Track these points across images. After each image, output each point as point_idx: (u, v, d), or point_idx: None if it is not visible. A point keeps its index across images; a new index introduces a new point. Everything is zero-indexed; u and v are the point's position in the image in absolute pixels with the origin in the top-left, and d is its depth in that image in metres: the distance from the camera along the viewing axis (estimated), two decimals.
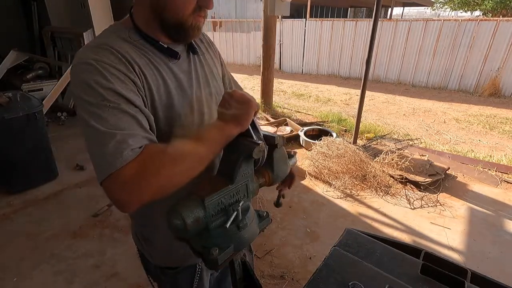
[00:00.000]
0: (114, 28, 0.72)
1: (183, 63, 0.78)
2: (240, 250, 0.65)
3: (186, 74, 0.78)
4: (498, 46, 6.83)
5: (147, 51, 0.70)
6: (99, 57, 0.61)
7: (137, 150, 0.55)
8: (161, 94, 0.70)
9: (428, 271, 0.82)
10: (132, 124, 0.58)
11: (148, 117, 0.64)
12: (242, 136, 0.65)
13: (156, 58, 0.71)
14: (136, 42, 0.69)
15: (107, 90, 0.58)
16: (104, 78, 0.59)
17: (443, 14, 19.03)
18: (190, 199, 0.58)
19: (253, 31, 10.93)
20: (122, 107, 0.58)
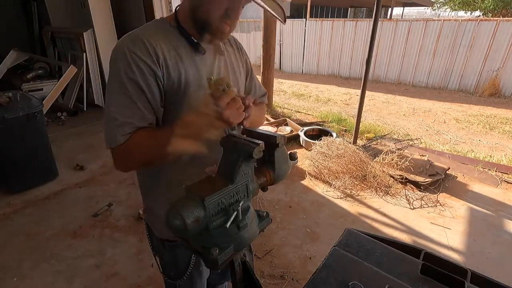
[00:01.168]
0: (156, 21, 0.86)
1: (208, 59, 0.88)
2: (240, 250, 0.65)
3: (208, 68, 0.88)
4: (498, 46, 6.83)
5: (178, 43, 0.82)
6: (132, 48, 0.76)
7: (127, 136, 0.75)
8: (180, 81, 0.81)
9: (428, 271, 0.82)
10: (134, 114, 0.76)
11: (156, 108, 0.80)
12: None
13: (184, 50, 0.83)
14: (171, 33, 0.83)
15: (130, 81, 0.75)
16: (131, 69, 0.75)
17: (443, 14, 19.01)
18: (190, 199, 0.58)
19: (253, 31, 10.93)
20: (134, 99, 0.75)
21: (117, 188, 3.02)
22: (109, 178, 3.18)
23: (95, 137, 4.27)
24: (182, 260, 1.02)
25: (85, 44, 4.93)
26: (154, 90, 0.78)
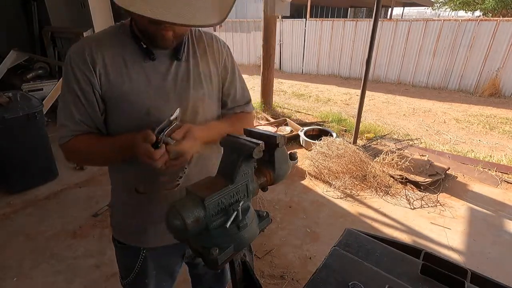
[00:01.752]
0: (113, 27, 0.85)
1: (162, 66, 0.83)
2: (240, 250, 0.65)
3: (161, 76, 0.83)
4: (498, 46, 6.83)
5: (127, 49, 0.81)
6: (74, 55, 0.78)
7: (67, 138, 0.82)
8: (123, 89, 0.80)
9: (428, 271, 0.82)
10: (70, 118, 0.81)
11: (94, 115, 0.82)
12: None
13: (132, 56, 0.80)
14: (123, 39, 0.81)
15: (69, 88, 0.79)
16: (68, 76, 0.79)
17: (443, 14, 19.02)
18: (190, 199, 0.58)
19: (253, 31, 10.93)
20: (70, 105, 0.80)
21: None
22: (109, 178, 3.18)
23: None
24: (129, 263, 1.03)
25: None
26: (89, 98, 0.79)
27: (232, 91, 1.00)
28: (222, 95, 0.98)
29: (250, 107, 1.07)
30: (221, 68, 0.95)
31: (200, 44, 0.92)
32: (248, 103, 1.06)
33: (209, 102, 0.92)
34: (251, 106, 1.07)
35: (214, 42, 0.95)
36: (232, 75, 0.98)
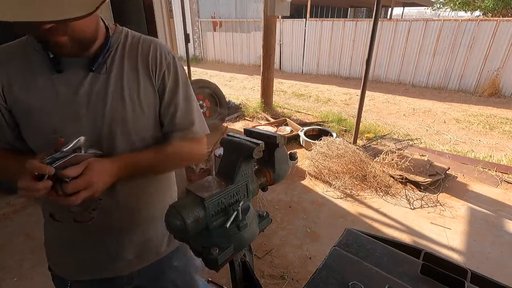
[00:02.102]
0: (20, 40, 0.79)
1: (73, 77, 0.73)
2: (240, 250, 0.65)
3: (72, 89, 0.73)
4: (498, 46, 6.83)
5: (35, 61, 0.73)
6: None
7: None
8: (29, 106, 0.72)
9: (428, 271, 0.82)
10: None
11: (4, 133, 0.76)
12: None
13: (40, 69, 0.72)
14: (32, 50, 0.74)
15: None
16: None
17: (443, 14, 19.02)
18: (190, 199, 0.58)
19: (253, 31, 10.93)
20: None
21: None
22: None
23: None
24: None
25: None
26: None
27: (170, 111, 0.83)
28: (159, 115, 0.84)
29: (196, 130, 0.88)
30: (158, 82, 0.81)
31: (131, 52, 0.79)
32: (191, 126, 0.87)
33: (136, 124, 0.78)
34: (197, 129, 0.88)
35: (152, 51, 0.81)
36: (172, 91, 0.83)
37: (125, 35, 0.82)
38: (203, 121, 0.93)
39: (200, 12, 12.66)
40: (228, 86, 8.31)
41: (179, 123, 0.85)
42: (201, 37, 12.59)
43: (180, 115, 0.85)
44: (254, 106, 5.53)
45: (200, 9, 12.64)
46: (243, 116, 5.38)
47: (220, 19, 11.92)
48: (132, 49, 0.80)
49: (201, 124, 0.91)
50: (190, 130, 0.87)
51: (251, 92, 7.47)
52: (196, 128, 0.88)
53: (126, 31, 0.83)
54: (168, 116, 0.84)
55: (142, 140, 0.82)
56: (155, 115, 0.83)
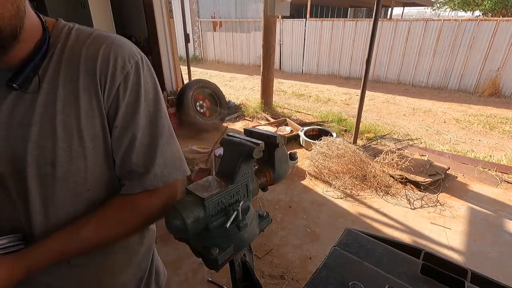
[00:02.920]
0: None
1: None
2: (240, 250, 0.65)
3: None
4: (498, 46, 6.84)
5: None
6: None
7: None
8: None
9: (428, 271, 0.82)
10: None
11: None
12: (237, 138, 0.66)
13: None
14: None
15: None
16: None
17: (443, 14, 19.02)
18: (190, 199, 0.58)
19: (253, 31, 10.94)
20: None
21: None
22: None
23: None
24: None
25: None
26: None
27: (124, 143, 0.58)
28: (112, 148, 0.60)
29: (149, 179, 0.61)
30: (109, 103, 0.56)
31: (71, 60, 0.54)
32: (150, 168, 0.60)
33: (75, 168, 0.56)
34: (157, 174, 0.61)
35: (102, 55, 0.55)
36: (128, 113, 0.57)
37: (66, 33, 0.57)
38: (178, 159, 0.65)
39: (200, 12, 12.66)
40: (228, 86, 8.31)
41: (136, 163, 0.59)
42: (201, 37, 12.59)
43: (139, 150, 0.59)
44: (254, 106, 5.53)
45: (200, 9, 12.65)
46: (243, 116, 5.38)
47: (220, 19, 11.92)
48: (73, 55, 0.54)
49: (169, 164, 0.63)
50: (150, 176, 0.60)
51: (251, 92, 7.47)
52: (155, 172, 0.60)
53: (70, 27, 0.58)
54: (121, 151, 0.59)
55: (93, 190, 0.60)
56: (106, 153, 0.59)
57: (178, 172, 0.66)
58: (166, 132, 0.62)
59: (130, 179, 0.61)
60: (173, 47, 5.24)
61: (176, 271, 2.04)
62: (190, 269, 2.06)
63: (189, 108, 4.26)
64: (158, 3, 4.85)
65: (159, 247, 2.25)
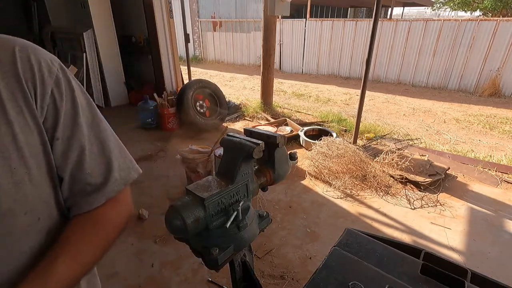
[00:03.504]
0: None
1: None
2: (240, 250, 0.65)
3: None
4: (498, 46, 6.84)
5: None
6: None
7: None
8: None
9: (428, 271, 0.82)
10: None
11: None
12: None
13: None
14: None
15: None
16: None
17: (443, 14, 19.02)
18: (190, 199, 0.58)
19: (253, 31, 10.94)
20: None
21: None
22: None
23: None
24: None
25: (85, 44, 4.93)
26: None
27: (72, 156, 0.52)
28: (57, 168, 0.52)
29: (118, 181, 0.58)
30: (43, 114, 0.49)
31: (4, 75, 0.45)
32: (109, 175, 0.56)
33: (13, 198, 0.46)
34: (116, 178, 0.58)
35: (22, 66, 0.47)
36: (70, 123, 0.51)
37: None
38: (128, 158, 0.61)
39: (200, 12, 12.66)
40: (228, 86, 8.31)
41: (87, 177, 0.54)
42: (201, 37, 12.59)
43: (91, 161, 0.54)
44: (254, 106, 5.53)
45: (200, 9, 12.65)
46: (243, 116, 5.38)
47: (220, 19, 11.92)
48: None
49: (124, 166, 0.59)
50: (107, 184, 0.56)
51: (251, 92, 7.47)
52: (115, 177, 0.57)
53: None
54: (69, 166, 0.52)
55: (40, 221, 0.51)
56: (50, 171, 0.51)
57: (133, 171, 0.63)
58: (110, 135, 0.59)
59: (88, 193, 0.55)
60: (173, 47, 5.24)
61: (176, 271, 2.04)
62: (190, 269, 2.06)
63: (189, 108, 4.26)
64: (158, 3, 4.85)
65: (159, 247, 2.25)
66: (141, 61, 5.80)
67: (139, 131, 4.56)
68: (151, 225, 2.49)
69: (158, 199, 2.84)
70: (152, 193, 2.95)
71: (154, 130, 4.59)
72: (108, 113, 5.33)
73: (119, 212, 0.61)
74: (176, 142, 4.05)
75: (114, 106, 5.65)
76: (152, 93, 4.58)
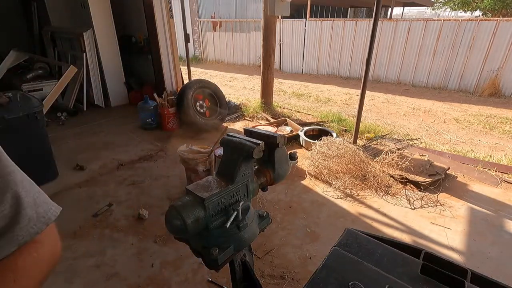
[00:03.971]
0: None
1: None
2: (240, 250, 0.65)
3: None
4: (498, 46, 6.84)
5: None
6: None
7: None
8: None
9: (428, 271, 0.82)
10: None
11: None
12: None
13: None
14: None
15: None
16: None
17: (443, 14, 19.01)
18: (190, 199, 0.58)
19: (253, 31, 10.94)
20: None
21: (117, 188, 3.02)
22: (109, 178, 3.18)
23: (95, 137, 4.27)
24: None
25: (85, 44, 4.93)
26: None
27: None
28: None
29: (35, 221, 0.49)
30: None
31: None
32: (19, 215, 0.46)
33: None
34: (43, 215, 0.51)
35: None
36: None
37: None
38: (43, 194, 0.53)
39: (200, 12, 12.66)
40: (228, 86, 8.31)
41: None
42: (201, 37, 12.59)
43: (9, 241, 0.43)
44: (254, 106, 5.53)
45: (200, 9, 12.65)
46: (243, 116, 5.38)
47: (220, 19, 11.92)
48: None
49: (40, 201, 0.51)
50: (16, 227, 0.45)
51: (251, 92, 7.46)
52: (29, 215, 0.47)
53: None
54: None
55: None
56: None
57: (53, 207, 0.52)
58: (15, 167, 0.48)
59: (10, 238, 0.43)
60: (173, 47, 5.24)
61: (176, 271, 2.04)
62: (190, 269, 2.06)
63: (189, 108, 4.26)
64: (158, 3, 4.85)
65: (159, 247, 2.25)
66: (141, 61, 5.80)
67: (139, 131, 4.55)
68: (151, 225, 2.49)
69: (158, 199, 2.84)
70: (152, 193, 2.95)
71: (154, 130, 4.59)
72: (108, 113, 5.33)
73: (40, 257, 0.47)
74: (176, 142, 4.05)
75: (114, 106, 5.65)
76: (152, 93, 4.58)
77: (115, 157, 3.61)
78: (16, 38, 6.17)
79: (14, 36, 6.17)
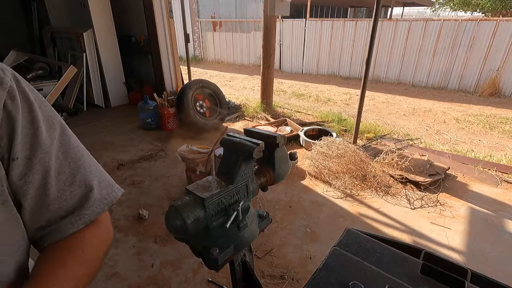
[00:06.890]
0: None
1: None
2: (240, 250, 0.65)
3: None
4: (498, 46, 6.84)
5: None
6: None
7: None
8: None
9: (428, 271, 0.82)
10: None
11: None
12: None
13: None
14: None
15: None
16: None
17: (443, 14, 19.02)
18: (190, 199, 0.58)
19: (253, 31, 10.94)
20: None
21: None
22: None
23: (95, 137, 4.27)
24: None
25: (85, 44, 4.93)
26: None
27: (35, 179, 0.45)
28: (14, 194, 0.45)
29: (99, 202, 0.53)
30: None
31: None
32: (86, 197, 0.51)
33: None
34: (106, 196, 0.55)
35: None
36: (29, 140, 0.45)
37: None
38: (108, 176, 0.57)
39: (200, 12, 12.66)
40: (228, 86, 8.31)
41: (63, 197, 0.48)
42: (201, 37, 12.59)
43: (61, 183, 0.48)
44: (254, 106, 5.53)
45: (200, 9, 12.65)
46: (243, 116, 5.38)
47: (220, 19, 11.92)
48: None
49: (104, 184, 0.55)
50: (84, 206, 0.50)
51: (251, 92, 7.47)
52: (94, 197, 0.52)
53: None
54: (32, 194, 0.45)
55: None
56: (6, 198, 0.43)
57: (116, 189, 0.57)
58: (84, 150, 0.53)
59: (60, 218, 0.48)
60: (173, 47, 5.24)
61: (176, 271, 2.04)
62: (190, 269, 2.06)
63: (189, 108, 4.26)
64: (158, 3, 4.85)
65: (159, 247, 2.25)
66: (141, 61, 5.80)
67: (139, 131, 4.55)
68: (151, 225, 2.49)
69: (158, 199, 2.84)
70: (152, 193, 2.95)
71: (154, 130, 4.59)
72: (108, 113, 5.33)
73: (101, 236, 0.54)
74: (176, 142, 4.05)
75: (114, 106, 5.65)
76: (152, 93, 4.58)
77: (115, 157, 3.61)
78: (16, 38, 6.17)
79: (14, 36, 6.17)
